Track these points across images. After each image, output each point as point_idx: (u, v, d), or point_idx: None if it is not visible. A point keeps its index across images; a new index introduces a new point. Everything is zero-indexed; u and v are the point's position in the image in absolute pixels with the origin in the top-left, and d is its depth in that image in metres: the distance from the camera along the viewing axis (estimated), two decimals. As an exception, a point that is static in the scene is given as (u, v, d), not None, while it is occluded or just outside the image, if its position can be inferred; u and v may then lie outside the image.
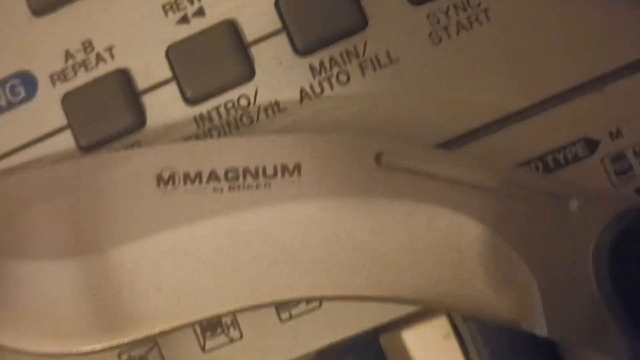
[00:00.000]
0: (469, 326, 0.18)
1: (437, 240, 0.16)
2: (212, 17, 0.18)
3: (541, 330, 0.16)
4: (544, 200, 0.16)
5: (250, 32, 0.18)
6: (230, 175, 0.17)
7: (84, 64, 0.19)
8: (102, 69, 0.19)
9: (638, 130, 0.17)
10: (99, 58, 0.19)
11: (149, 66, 0.18)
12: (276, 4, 0.18)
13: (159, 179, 0.17)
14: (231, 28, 0.18)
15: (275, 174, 0.17)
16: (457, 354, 0.18)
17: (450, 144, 0.18)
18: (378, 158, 0.17)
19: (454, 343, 0.18)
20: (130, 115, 0.18)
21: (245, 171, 0.17)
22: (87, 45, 0.19)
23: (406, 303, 0.17)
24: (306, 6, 0.18)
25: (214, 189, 0.17)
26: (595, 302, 0.15)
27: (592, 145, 0.18)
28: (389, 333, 0.18)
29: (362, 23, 0.18)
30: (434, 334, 0.18)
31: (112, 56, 0.19)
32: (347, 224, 0.16)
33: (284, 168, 0.17)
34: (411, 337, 0.18)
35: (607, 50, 0.18)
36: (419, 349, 0.18)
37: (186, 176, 0.17)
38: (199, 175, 0.17)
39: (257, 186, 0.17)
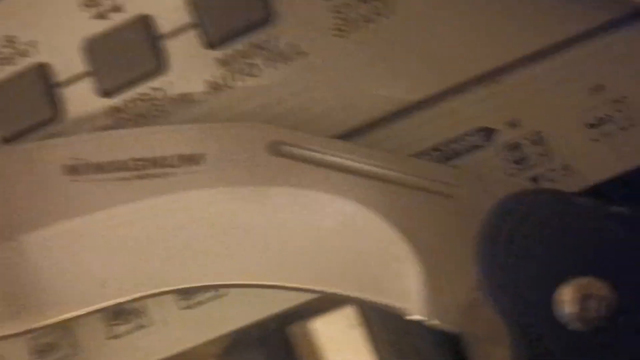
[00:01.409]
0: (376, 314, 0.18)
1: (331, 228, 0.17)
2: (128, 11, 0.19)
3: (427, 318, 0.16)
4: (434, 187, 0.17)
5: (163, 26, 0.19)
6: (135, 164, 0.17)
7: (7, 59, 0.20)
8: (23, 64, 0.20)
9: (534, 120, 0.18)
10: (21, 53, 0.20)
11: (67, 60, 0.19)
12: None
13: (67, 169, 0.18)
14: (145, 22, 0.19)
15: (177, 163, 0.17)
16: (366, 343, 0.19)
17: (353, 134, 0.18)
18: (274, 147, 0.17)
19: (362, 332, 0.19)
20: (46, 108, 0.19)
21: (149, 161, 0.17)
22: (10, 41, 0.20)
23: (306, 291, 0.17)
24: (216, 0, 0.19)
25: (120, 178, 0.17)
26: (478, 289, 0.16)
27: (489, 134, 0.18)
28: (296, 323, 0.19)
29: (270, 16, 0.18)
30: (342, 323, 0.19)
31: (35, 51, 0.19)
32: (245, 212, 0.17)
33: (186, 157, 0.17)
34: (319, 327, 0.19)
35: (504, 43, 0.18)
36: (327, 338, 0.19)
37: (93, 166, 0.18)
38: (105, 164, 0.18)
39: (161, 175, 0.17)
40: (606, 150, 0.18)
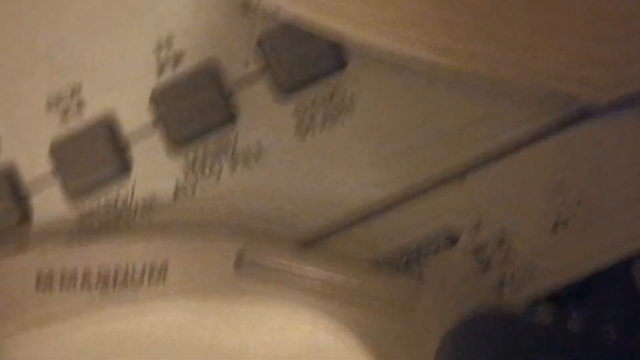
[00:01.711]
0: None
1: (296, 342, 0.17)
2: (93, 112, 0.19)
3: None
4: (397, 298, 0.17)
5: (128, 127, 0.19)
6: (102, 274, 0.18)
7: (-26, 158, 0.20)
8: (-8, 164, 0.20)
9: (497, 220, 0.18)
10: (-12, 152, 0.20)
11: (33, 160, 0.19)
12: (151, 100, 0.19)
13: (38, 280, 0.18)
14: (109, 123, 0.19)
15: (143, 275, 0.18)
16: None
17: (317, 237, 0.18)
18: (239, 259, 0.17)
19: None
20: (15, 209, 0.19)
21: (115, 271, 0.18)
22: (-23, 140, 0.20)
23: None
24: (179, 101, 0.19)
25: (86, 288, 0.18)
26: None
27: (454, 235, 0.18)
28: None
29: (232, 117, 0.18)
30: None
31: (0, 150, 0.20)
32: (210, 327, 0.17)
33: (152, 270, 0.18)
34: None
35: (468, 141, 0.18)
36: None
37: (61, 276, 0.18)
38: (73, 274, 0.18)
39: (126, 285, 0.18)
40: (569, 251, 0.18)
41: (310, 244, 0.18)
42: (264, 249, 0.17)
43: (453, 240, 0.18)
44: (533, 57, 0.16)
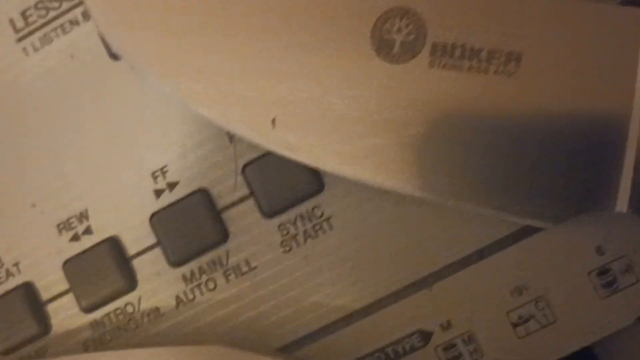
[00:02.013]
0: None
1: None
2: (99, 234, 0.21)
3: None
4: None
5: (131, 246, 0.21)
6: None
7: (-4, 279, 0.22)
8: (11, 283, 0.22)
9: (464, 321, 0.20)
10: (8, 273, 0.22)
11: (49, 279, 0.22)
12: (150, 221, 0.21)
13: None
14: (114, 244, 0.21)
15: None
16: None
17: (302, 342, 0.20)
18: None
19: None
20: (36, 324, 0.21)
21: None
22: (-2, 262, 0.22)
23: None
24: (175, 224, 0.21)
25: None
26: None
27: (426, 336, 0.20)
28: None
29: (223, 236, 0.21)
30: None
31: (19, 271, 0.22)
32: None
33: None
34: None
35: (435, 252, 0.20)
36: None
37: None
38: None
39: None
40: (530, 348, 0.20)
41: (292, 349, 0.20)
42: (244, 356, 0.19)
43: (426, 340, 0.20)
44: (492, 193, 0.18)
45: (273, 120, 0.19)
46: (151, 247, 0.21)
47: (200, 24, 0.20)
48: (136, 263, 0.21)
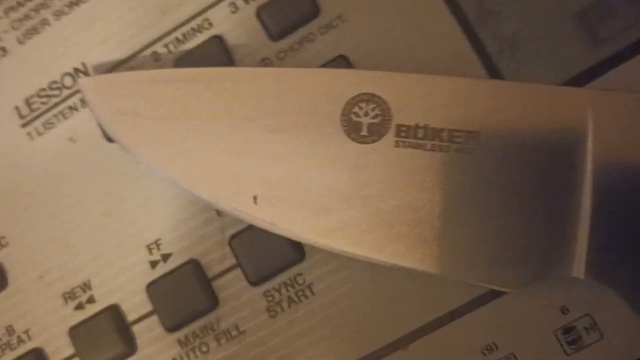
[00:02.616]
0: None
1: None
2: (101, 303, 0.23)
3: None
4: None
5: (130, 314, 0.23)
6: None
7: (9, 345, 0.24)
8: (23, 348, 0.24)
9: (439, 379, 0.21)
10: (19, 339, 0.24)
11: (56, 345, 0.23)
12: (147, 290, 0.23)
13: None
14: (115, 311, 0.23)
15: None
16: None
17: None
18: None
19: None
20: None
21: None
22: (10, 330, 0.24)
23: None
24: (169, 292, 0.22)
25: None
26: None
27: (403, 393, 0.21)
28: None
29: (214, 303, 0.22)
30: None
31: (29, 337, 0.24)
32: None
33: None
34: None
35: (409, 314, 0.21)
36: None
37: None
38: None
39: None
40: (500, 403, 0.21)
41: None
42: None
43: (402, 399, 0.21)
44: (457, 262, 0.20)
45: (255, 198, 0.21)
46: (149, 314, 0.23)
47: (186, 111, 0.21)
48: (135, 329, 0.23)
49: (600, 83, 0.21)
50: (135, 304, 0.23)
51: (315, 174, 0.21)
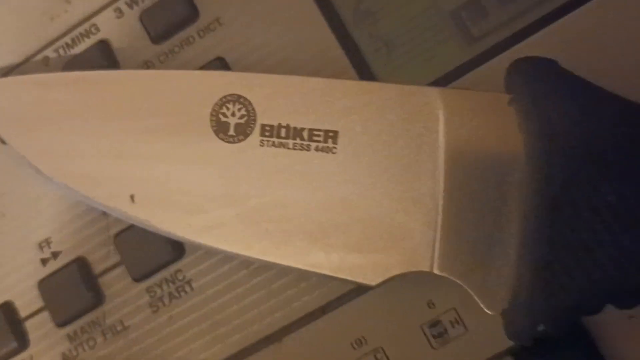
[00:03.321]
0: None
1: None
2: (-4, 299, 0.24)
3: None
4: None
5: (23, 310, 0.23)
6: None
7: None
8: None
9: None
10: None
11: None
12: (39, 287, 0.23)
13: None
14: (8, 308, 0.23)
15: None
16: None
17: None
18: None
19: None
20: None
21: None
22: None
23: None
24: (58, 289, 0.23)
25: None
26: None
27: (277, 386, 0.22)
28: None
29: (100, 299, 0.23)
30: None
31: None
32: None
33: None
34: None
35: (283, 309, 0.22)
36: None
37: None
38: None
39: None
40: (370, 395, 0.21)
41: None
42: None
43: (277, 391, 0.22)
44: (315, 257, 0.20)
45: (132, 197, 0.22)
46: (40, 310, 0.23)
47: (69, 113, 0.22)
48: (28, 324, 0.24)
49: (471, 78, 0.22)
50: (27, 301, 0.23)
51: (187, 173, 0.21)
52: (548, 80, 0.19)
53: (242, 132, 0.21)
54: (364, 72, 0.22)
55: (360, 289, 0.22)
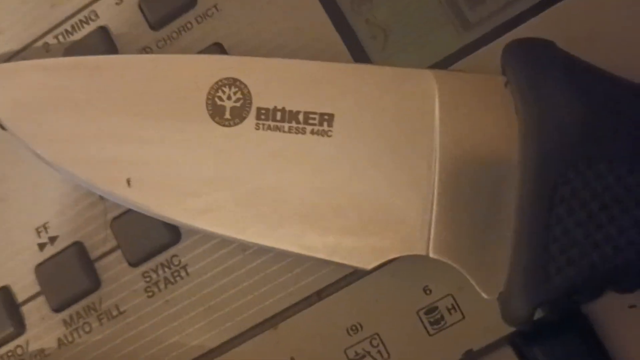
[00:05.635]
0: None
1: None
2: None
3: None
4: None
5: (20, 294, 0.24)
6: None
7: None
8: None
9: (306, 358, 0.21)
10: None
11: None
12: (35, 271, 0.23)
13: None
14: (6, 293, 0.23)
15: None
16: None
17: (165, 379, 0.22)
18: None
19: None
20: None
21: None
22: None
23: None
24: (55, 273, 0.23)
25: None
26: None
27: (273, 372, 0.22)
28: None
29: (96, 284, 0.23)
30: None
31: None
32: None
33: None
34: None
35: (279, 294, 0.22)
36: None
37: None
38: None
39: None
40: (366, 383, 0.21)
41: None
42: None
43: (273, 376, 0.22)
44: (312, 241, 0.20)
45: (128, 180, 0.22)
46: (37, 295, 0.23)
47: (68, 98, 0.22)
48: (25, 309, 0.24)
49: (467, 63, 0.22)
50: (24, 285, 0.23)
51: (183, 157, 0.21)
52: (544, 62, 0.19)
53: (238, 115, 0.21)
54: (361, 58, 0.22)
55: (356, 275, 0.22)
